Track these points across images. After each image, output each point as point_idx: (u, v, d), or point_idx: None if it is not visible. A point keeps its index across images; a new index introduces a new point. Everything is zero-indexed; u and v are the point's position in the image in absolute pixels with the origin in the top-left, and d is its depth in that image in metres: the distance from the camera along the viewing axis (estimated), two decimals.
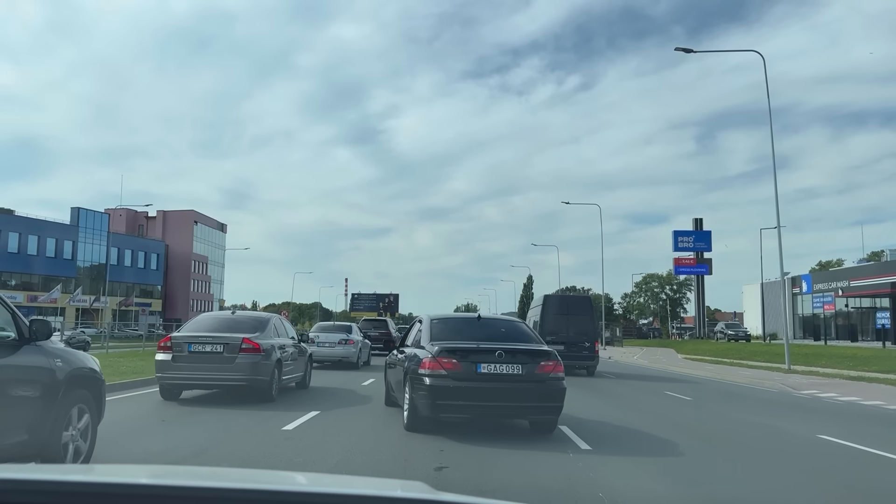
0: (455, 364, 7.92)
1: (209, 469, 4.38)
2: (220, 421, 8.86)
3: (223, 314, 13.06)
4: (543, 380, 8.07)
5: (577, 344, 20.42)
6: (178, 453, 6.65)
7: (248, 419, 8.97)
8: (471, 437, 7.90)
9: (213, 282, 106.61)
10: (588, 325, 21.47)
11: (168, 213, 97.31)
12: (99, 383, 5.89)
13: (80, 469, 3.86)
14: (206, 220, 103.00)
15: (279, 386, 11.39)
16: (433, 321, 9.17)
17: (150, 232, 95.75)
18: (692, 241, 65.77)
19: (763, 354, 32.65)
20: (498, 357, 7.98)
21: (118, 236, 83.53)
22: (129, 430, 7.81)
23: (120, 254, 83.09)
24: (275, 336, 11.74)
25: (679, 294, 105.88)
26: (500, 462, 6.72)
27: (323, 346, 19.75)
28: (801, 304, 55.15)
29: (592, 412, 11.18)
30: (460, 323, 9.57)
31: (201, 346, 10.61)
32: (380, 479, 3.20)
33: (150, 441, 7.40)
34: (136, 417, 9.16)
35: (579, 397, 12.96)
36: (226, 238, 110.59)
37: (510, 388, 7.98)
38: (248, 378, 10.54)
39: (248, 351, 10.57)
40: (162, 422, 8.83)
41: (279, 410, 9.79)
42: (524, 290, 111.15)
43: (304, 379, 13.30)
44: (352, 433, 8.23)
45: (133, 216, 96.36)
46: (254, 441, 7.51)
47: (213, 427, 8.38)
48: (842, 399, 15.30)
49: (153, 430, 8.19)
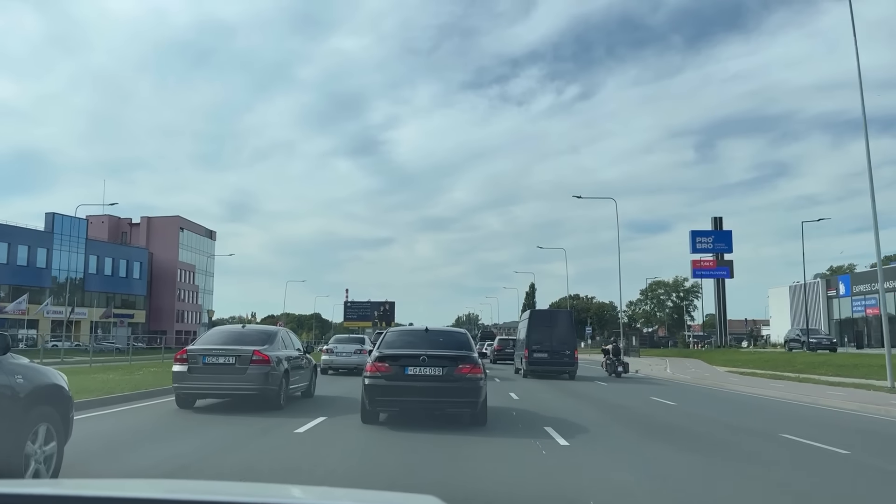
0: (387, 367, 9.63)
1: (202, 483, 4.75)
2: (236, 426, 9.59)
3: (234, 328, 13.52)
4: (460, 379, 9.59)
5: (559, 352, 23.85)
6: (205, 452, 7.55)
7: (261, 424, 9.66)
8: (470, 434, 9.11)
9: (202, 292, 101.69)
10: (569, 335, 24.55)
11: (153, 219, 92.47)
12: (65, 400, 5.59)
13: (49, 483, 3.94)
14: (193, 226, 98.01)
15: (287, 395, 12.15)
16: (388, 333, 11.34)
17: (134, 239, 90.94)
18: (711, 242, 61.15)
19: (824, 367, 27.99)
20: (422, 361, 9.60)
21: (97, 244, 78.66)
22: (152, 435, 8.62)
23: (100, 262, 78.17)
24: (282, 348, 12.43)
25: (686, 301, 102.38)
26: (501, 461, 7.39)
27: (340, 356, 22.50)
28: (839, 308, 50.80)
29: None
30: (409, 334, 11.21)
31: (215, 358, 11.30)
32: (392, 494, 3.50)
33: (177, 444, 8.00)
34: (156, 423, 9.85)
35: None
36: (215, 246, 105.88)
37: (432, 387, 9.53)
38: (259, 387, 11.22)
39: (259, 362, 11.26)
40: (182, 429, 9.34)
41: (289, 417, 10.53)
42: (527, 298, 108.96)
43: (309, 388, 14.04)
44: (358, 435, 8.94)
45: (116, 223, 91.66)
46: (272, 442, 8.34)
47: (231, 431, 9.12)
48: None
49: (178, 434, 8.86)
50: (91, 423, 9.39)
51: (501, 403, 13.90)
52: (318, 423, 9.88)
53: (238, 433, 8.97)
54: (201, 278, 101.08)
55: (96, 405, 11.42)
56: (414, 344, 10.33)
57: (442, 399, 9.70)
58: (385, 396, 9.63)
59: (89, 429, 8.51)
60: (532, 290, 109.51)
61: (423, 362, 9.62)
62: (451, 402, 9.77)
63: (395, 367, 9.65)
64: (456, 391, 9.61)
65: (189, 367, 11.23)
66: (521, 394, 17.03)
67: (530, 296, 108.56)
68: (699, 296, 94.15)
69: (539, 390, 18.63)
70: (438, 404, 9.87)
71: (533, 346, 24.18)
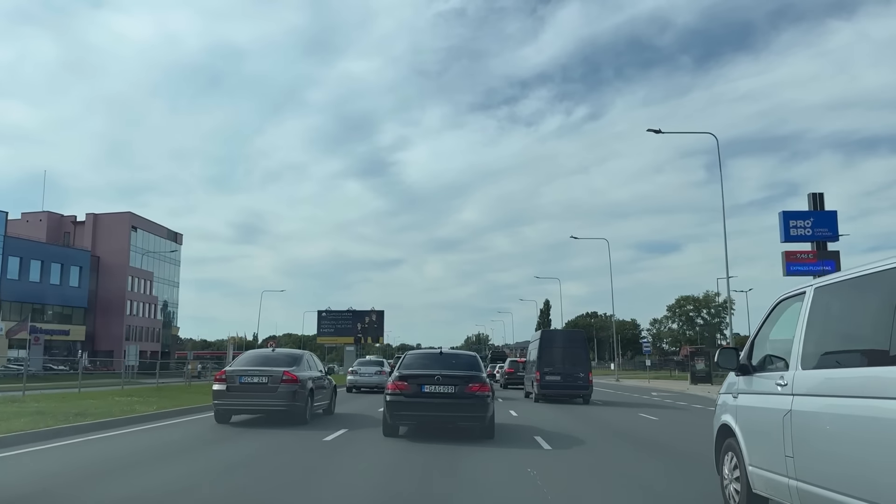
0: (406, 386, 11.04)
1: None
2: (270, 437, 11.10)
3: (265, 352, 14.76)
4: (471, 396, 10.92)
5: (572, 375, 23.08)
6: (260, 453, 9.28)
7: (292, 435, 11.26)
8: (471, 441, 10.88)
9: (164, 304, 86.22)
10: (582, 357, 23.86)
11: (99, 216, 77.29)
12: None
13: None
14: (151, 226, 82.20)
15: (311, 411, 13.52)
16: (406, 355, 12.82)
17: (78, 241, 75.70)
18: (810, 226, 45.83)
19: None
20: (437, 380, 10.99)
21: (22, 243, 63.41)
22: (209, 443, 10.54)
23: (23, 265, 62.92)
24: (308, 369, 13.85)
25: (718, 318, 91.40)
26: (500, 462, 9.13)
27: (364, 376, 27.48)
28: None
29: None
30: (426, 357, 12.42)
31: (250, 378, 12.74)
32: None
33: (231, 448, 9.86)
34: (199, 437, 11.44)
35: None
36: (180, 251, 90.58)
37: (445, 403, 10.93)
38: (288, 404, 12.70)
39: (288, 381, 12.69)
40: (226, 438, 11.00)
41: (315, 429, 12.18)
42: (541, 316, 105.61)
43: (329, 406, 15.46)
44: (377, 443, 10.61)
45: (58, 221, 77.27)
46: (305, 446, 10.09)
47: (267, 440, 10.68)
48: None
49: (229, 441, 10.68)
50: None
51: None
52: (341, 434, 11.59)
53: (277, 441, 10.58)
54: (163, 289, 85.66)
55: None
56: (429, 365, 11.62)
57: (454, 414, 11.06)
58: (404, 412, 11.10)
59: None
60: (546, 307, 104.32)
61: (437, 381, 10.97)
62: (463, 417, 11.11)
63: (414, 385, 11.02)
64: (467, 407, 10.92)
65: (227, 386, 12.70)
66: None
67: (545, 314, 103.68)
68: (733, 312, 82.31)
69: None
70: (453, 419, 11.27)
71: (545, 369, 23.29)
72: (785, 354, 4.96)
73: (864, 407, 3.78)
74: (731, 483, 5.71)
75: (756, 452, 5.20)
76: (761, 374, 5.32)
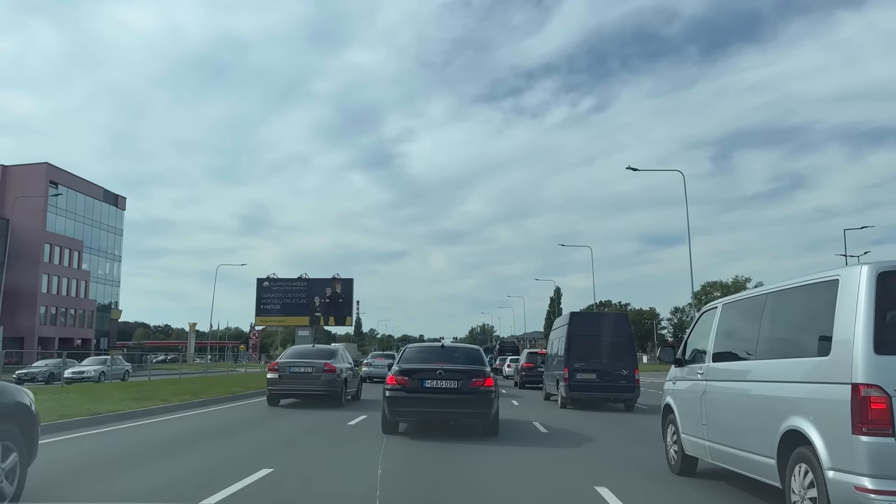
0: (407, 380, 10.68)
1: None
2: (309, 418, 13.60)
3: (306, 347, 18.69)
4: (474, 392, 10.60)
5: (611, 372, 17.74)
6: (304, 431, 11.37)
7: (324, 418, 13.53)
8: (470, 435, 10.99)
9: (98, 282, 70.70)
10: (626, 349, 18.36)
11: (9, 168, 61.63)
12: (29, 418, 5.42)
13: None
14: (79, 183, 65.92)
15: (344, 396, 16.73)
16: (407, 349, 12.43)
17: None
18: None
19: None
20: (438, 375, 10.62)
21: None
22: (268, 419, 13.59)
23: None
24: (342, 362, 17.00)
25: None
26: (501, 455, 9.16)
27: (377, 368, 30.54)
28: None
29: None
30: (427, 350, 12.25)
31: (297, 368, 16.03)
32: None
33: (275, 425, 12.29)
34: (257, 414, 14.50)
35: None
36: (123, 217, 74.92)
37: (448, 398, 10.58)
38: (328, 390, 15.92)
39: (329, 371, 15.89)
40: (277, 416, 13.98)
41: (344, 412, 14.95)
42: (551, 304, 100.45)
43: (357, 392, 18.79)
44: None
45: None
46: (331, 430, 11.57)
47: (311, 420, 13.20)
48: None
49: (277, 420, 13.30)
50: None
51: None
52: (363, 419, 13.22)
53: (312, 423, 12.72)
54: (98, 262, 70.13)
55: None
56: (431, 359, 11.30)
57: (457, 410, 10.81)
58: (404, 407, 10.72)
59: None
60: (557, 295, 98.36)
61: (439, 376, 10.62)
62: (465, 413, 10.86)
63: (414, 380, 10.66)
64: (469, 403, 10.63)
65: (279, 375, 15.93)
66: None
67: (555, 302, 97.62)
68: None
69: None
70: (455, 415, 11.03)
71: (575, 364, 17.83)
72: (705, 351, 7.04)
73: (739, 388, 5.98)
74: (671, 447, 7.81)
75: (686, 423, 7.30)
76: (690, 366, 7.35)
